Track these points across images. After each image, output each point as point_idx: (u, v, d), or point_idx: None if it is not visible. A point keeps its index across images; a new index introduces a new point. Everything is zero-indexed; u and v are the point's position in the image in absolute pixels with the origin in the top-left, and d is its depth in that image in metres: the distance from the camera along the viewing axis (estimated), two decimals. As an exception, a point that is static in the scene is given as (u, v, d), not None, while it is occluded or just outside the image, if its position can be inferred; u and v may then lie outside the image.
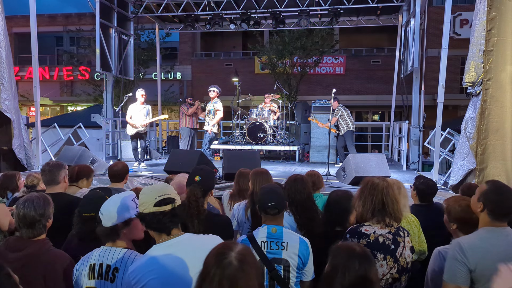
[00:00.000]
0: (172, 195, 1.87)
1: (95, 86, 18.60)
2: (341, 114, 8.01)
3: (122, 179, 3.64)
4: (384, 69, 18.24)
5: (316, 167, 7.87)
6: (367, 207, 2.33)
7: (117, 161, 3.81)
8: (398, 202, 2.35)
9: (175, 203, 1.85)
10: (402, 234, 2.31)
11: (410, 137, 8.40)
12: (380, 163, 5.83)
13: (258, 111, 9.73)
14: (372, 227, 2.31)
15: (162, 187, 1.88)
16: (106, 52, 9.30)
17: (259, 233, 2.26)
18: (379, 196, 2.31)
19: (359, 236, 2.27)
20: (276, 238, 2.22)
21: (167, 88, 19.34)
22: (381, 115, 20.73)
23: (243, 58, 21.01)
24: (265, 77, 18.27)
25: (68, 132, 9.04)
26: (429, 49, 16.83)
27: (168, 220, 1.82)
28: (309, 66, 16.14)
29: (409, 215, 2.90)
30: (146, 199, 1.83)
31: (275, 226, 2.25)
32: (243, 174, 3.59)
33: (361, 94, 19.15)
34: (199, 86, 20.67)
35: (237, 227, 3.06)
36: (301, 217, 2.75)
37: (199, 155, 6.01)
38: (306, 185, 2.87)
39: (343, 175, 6.04)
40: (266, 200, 2.26)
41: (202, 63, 21.36)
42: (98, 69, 9.01)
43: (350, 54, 19.66)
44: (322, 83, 19.15)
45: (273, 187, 2.35)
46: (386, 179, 2.43)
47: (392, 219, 2.31)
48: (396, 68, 10.44)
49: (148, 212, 1.81)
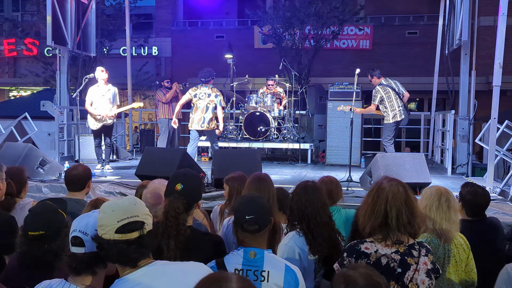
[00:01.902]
0: (141, 216, 1.82)
1: (46, 64, 18.53)
2: (381, 99, 7.46)
3: (83, 187, 3.64)
4: (423, 43, 18.20)
5: (335, 170, 7.88)
6: (368, 219, 2.33)
7: (77, 164, 3.82)
8: (413, 213, 2.33)
9: (143, 229, 1.80)
10: (416, 254, 2.30)
11: (457, 132, 8.40)
12: (417, 165, 5.83)
13: (258, 98, 9.72)
14: (375, 244, 2.32)
15: (128, 206, 1.82)
16: (60, 20, 9.27)
17: (232, 258, 2.26)
18: (382, 205, 2.31)
19: (357, 256, 2.29)
20: (254, 265, 2.21)
21: (140, 68, 19.27)
22: (418, 103, 20.71)
23: (239, 28, 20.95)
24: (268, 53, 18.23)
25: (10, 125, 9.03)
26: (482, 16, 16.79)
27: (133, 251, 1.77)
28: (325, 38, 16.10)
29: (457, 236, 2.89)
30: (106, 221, 1.78)
31: (253, 249, 2.24)
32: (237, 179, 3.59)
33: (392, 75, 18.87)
34: (181, 65, 20.61)
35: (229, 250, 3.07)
36: (314, 236, 2.75)
37: (182, 155, 6.01)
38: (320, 194, 2.88)
39: (369, 181, 6.04)
40: (243, 212, 2.25)
41: (185, 35, 21.31)
42: (50, 43, 8.99)
43: (378, 23, 19.62)
44: (342, 61, 19.11)
45: (253, 196, 2.37)
46: (400, 183, 2.41)
47: (404, 235, 2.31)
48: (439, 42, 10.41)
49: (108, 239, 1.76)
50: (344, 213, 3.45)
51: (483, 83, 15.58)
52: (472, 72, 8.21)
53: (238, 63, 12.53)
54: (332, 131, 9.17)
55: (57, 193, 5.79)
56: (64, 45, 9.49)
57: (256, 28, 18.96)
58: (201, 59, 20.41)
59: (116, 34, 17.23)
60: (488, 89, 14.15)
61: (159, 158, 6.16)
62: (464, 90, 8.55)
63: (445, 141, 8.63)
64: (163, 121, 8.76)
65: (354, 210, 3.58)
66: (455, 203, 2.90)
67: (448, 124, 8.45)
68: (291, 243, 2.74)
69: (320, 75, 17.75)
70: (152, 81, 18.20)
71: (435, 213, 2.79)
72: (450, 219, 2.79)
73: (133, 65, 13.99)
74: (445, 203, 2.82)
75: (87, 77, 8.22)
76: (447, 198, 2.84)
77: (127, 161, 9.43)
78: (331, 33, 16.14)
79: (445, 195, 2.84)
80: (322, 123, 10.29)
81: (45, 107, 9.51)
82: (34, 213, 2.37)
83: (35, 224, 2.28)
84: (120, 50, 18.64)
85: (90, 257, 1.84)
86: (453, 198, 2.90)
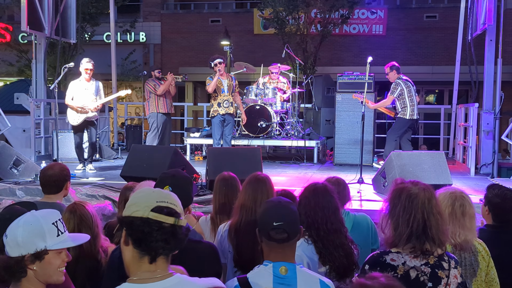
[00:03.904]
0: (179, 209, 1.87)
1: (20, 52, 18.53)
2: (400, 92, 7.88)
3: (59, 189, 3.65)
4: (443, 27, 18.18)
5: (344, 171, 7.88)
6: (402, 230, 2.32)
7: (53, 163, 3.82)
8: (443, 219, 2.35)
9: (179, 220, 1.83)
10: (447, 266, 2.31)
11: (481, 127, 8.39)
12: (437, 165, 5.84)
13: (259, 89, 9.71)
14: (402, 255, 2.32)
15: (168, 193, 1.90)
16: (36, 2, 9.25)
17: (259, 275, 2.19)
18: (419, 214, 2.30)
19: (382, 268, 2.28)
20: (286, 284, 2.15)
21: (126, 56, 19.28)
22: (438, 95, 20.72)
23: (237, 12, 20.94)
24: (269, 39, 18.22)
25: (-19, 120, 9.02)
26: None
27: (163, 238, 1.78)
28: (333, 23, 16.09)
29: (475, 242, 2.90)
30: (143, 200, 1.82)
31: (284, 264, 2.19)
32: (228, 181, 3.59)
33: (409, 64, 19.07)
34: (172, 53, 20.61)
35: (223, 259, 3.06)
36: (325, 244, 2.75)
37: (172, 154, 6.01)
38: (331, 197, 2.87)
39: (382, 183, 6.04)
40: (270, 218, 2.20)
41: (176, 19, 21.29)
42: (24, 28, 8.97)
43: (393, 6, 19.60)
44: (352, 49, 19.11)
45: (281, 201, 2.33)
46: (428, 186, 2.41)
47: (435, 245, 2.32)
48: (460, 26, 10.41)
49: (141, 217, 1.78)
50: (353, 217, 3.44)
51: (510, 73, 15.56)
52: (498, 61, 8.20)
53: (236, 51, 12.53)
54: (341, 126, 9.16)
55: (33, 197, 5.77)
56: (41, 30, 9.47)
57: (256, 11, 18.93)
58: (194, 46, 20.47)
59: (99, 18, 17.18)
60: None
61: (148, 157, 6.16)
62: (489, 80, 8.53)
63: (468, 138, 8.62)
64: (154, 115, 8.69)
65: (364, 214, 3.59)
66: (470, 208, 2.90)
67: (471, 118, 8.43)
68: (299, 252, 2.70)
69: (327, 64, 17.74)
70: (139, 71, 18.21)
71: (448, 219, 2.79)
72: (464, 226, 2.80)
73: (118, 53, 13.98)
74: (459, 208, 2.83)
75: (67, 66, 8.20)
76: (462, 204, 2.85)
77: (111, 161, 9.43)
78: (340, 17, 16.11)
79: (459, 200, 2.85)
80: (330, 118, 10.30)
81: (20, 100, 9.52)
82: (1, 219, 2.37)
83: (2, 231, 2.28)
84: (103, 36, 18.59)
85: (18, 262, 1.97)
86: (468, 203, 2.90)
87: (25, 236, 1.99)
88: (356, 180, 6.68)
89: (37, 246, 2.00)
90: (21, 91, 10.76)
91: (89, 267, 2.79)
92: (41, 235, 2.01)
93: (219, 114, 8.34)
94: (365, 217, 3.54)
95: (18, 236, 1.99)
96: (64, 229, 2.12)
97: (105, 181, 6.75)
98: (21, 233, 1.99)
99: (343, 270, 2.70)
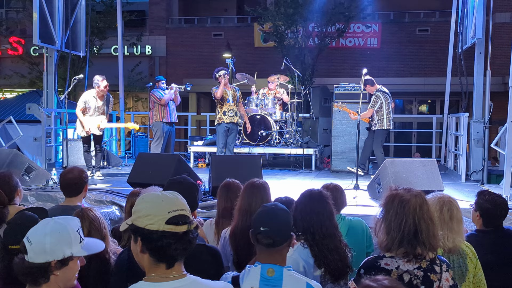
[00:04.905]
0: (187, 211, 1.87)
1: (32, 64, 18.61)
2: (380, 106, 8.09)
3: (79, 191, 3.62)
4: (435, 41, 18.25)
5: (340, 178, 7.88)
6: (393, 235, 2.33)
7: (71, 167, 3.80)
8: (434, 223, 2.36)
9: (191, 224, 1.84)
10: (438, 269, 2.32)
11: (471, 136, 8.40)
12: (429, 172, 5.84)
13: (259, 100, 9.75)
14: (395, 259, 2.32)
15: (175, 198, 1.88)
16: (47, 17, 9.30)
17: (249, 275, 2.22)
18: (410, 219, 2.31)
19: (376, 272, 2.27)
20: (272, 285, 2.17)
21: (132, 68, 19.35)
22: (430, 105, 20.73)
23: (238, 26, 21.02)
24: (269, 52, 18.27)
25: (-6, 129, 9.05)
26: (498, 13, 16.85)
27: (180, 247, 1.80)
28: (330, 36, 16.14)
29: (462, 245, 2.91)
30: (156, 211, 1.81)
31: (272, 266, 2.21)
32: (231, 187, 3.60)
33: (402, 76, 19.16)
34: (177, 65, 20.68)
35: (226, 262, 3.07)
36: (320, 248, 2.75)
37: (177, 161, 6.02)
38: (326, 203, 2.87)
39: (377, 189, 6.04)
40: (259, 222, 2.22)
41: (181, 33, 21.38)
42: (36, 41, 9.01)
43: (387, 20, 19.68)
44: (348, 61, 19.16)
45: (275, 207, 2.33)
46: (420, 192, 2.43)
47: (426, 249, 2.32)
48: (451, 40, 10.44)
49: (156, 230, 1.78)
50: (348, 222, 3.45)
51: (499, 84, 15.60)
52: (487, 72, 8.21)
53: (238, 63, 12.55)
54: (338, 135, 9.17)
55: (44, 202, 5.78)
56: (52, 44, 9.51)
57: (256, 25, 19.02)
58: (198, 58, 20.55)
59: (107, 32, 17.30)
60: (504, 90, 14.17)
61: (153, 164, 6.16)
62: (479, 91, 8.56)
63: (459, 146, 8.64)
64: (158, 124, 8.70)
65: (359, 219, 3.60)
66: (458, 213, 2.92)
67: (461, 127, 8.46)
68: (295, 255, 2.72)
69: (324, 75, 17.78)
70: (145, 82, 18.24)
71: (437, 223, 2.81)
72: (452, 230, 2.81)
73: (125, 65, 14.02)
74: (447, 213, 2.84)
75: (76, 78, 8.24)
76: (449, 208, 2.86)
77: (118, 168, 9.43)
78: (336, 31, 16.17)
79: (447, 204, 2.86)
80: (327, 127, 10.30)
81: (31, 110, 9.50)
82: (13, 224, 2.37)
83: (15, 236, 2.28)
84: (111, 49, 18.70)
85: (42, 268, 1.96)
86: (456, 208, 2.92)
87: (53, 244, 1.97)
88: (352, 186, 6.69)
89: (65, 253, 1.99)
90: (33, 102, 10.75)
91: (100, 269, 2.79)
92: (69, 242, 2.00)
93: (224, 122, 8.39)
94: (361, 222, 3.55)
95: (46, 243, 1.96)
96: (83, 235, 2.13)
97: (112, 187, 6.74)
98: (49, 241, 1.97)
99: (337, 273, 2.70)
